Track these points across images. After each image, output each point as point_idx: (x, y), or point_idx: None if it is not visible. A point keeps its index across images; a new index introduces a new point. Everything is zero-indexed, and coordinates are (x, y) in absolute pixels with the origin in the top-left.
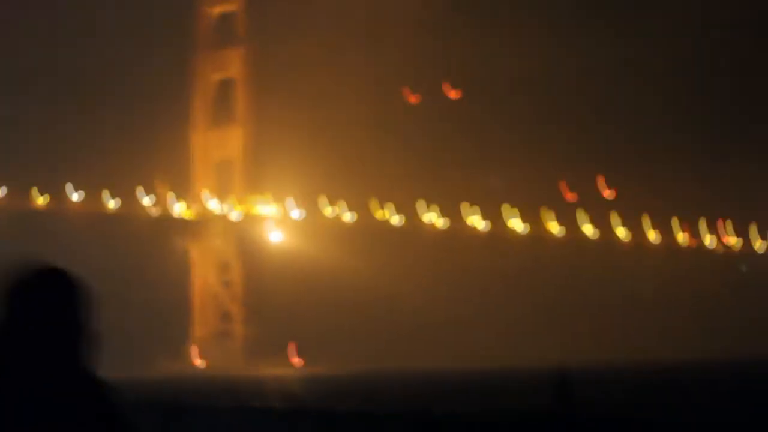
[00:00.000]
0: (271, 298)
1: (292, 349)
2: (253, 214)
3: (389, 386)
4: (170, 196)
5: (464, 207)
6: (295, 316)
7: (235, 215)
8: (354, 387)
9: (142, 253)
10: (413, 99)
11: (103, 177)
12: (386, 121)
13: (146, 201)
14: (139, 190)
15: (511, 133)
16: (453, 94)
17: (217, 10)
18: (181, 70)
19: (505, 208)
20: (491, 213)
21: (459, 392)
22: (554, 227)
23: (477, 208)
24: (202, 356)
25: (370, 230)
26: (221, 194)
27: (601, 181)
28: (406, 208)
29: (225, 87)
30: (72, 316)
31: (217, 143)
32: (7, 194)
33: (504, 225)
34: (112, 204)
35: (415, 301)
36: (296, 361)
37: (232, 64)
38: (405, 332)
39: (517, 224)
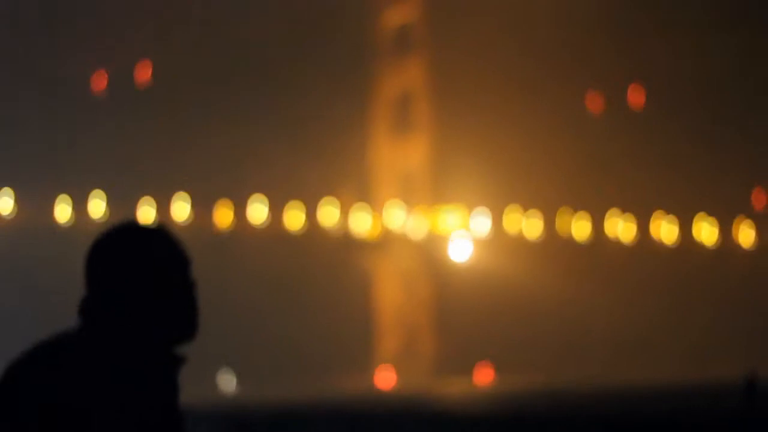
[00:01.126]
0: (458, 314)
1: (480, 365)
2: (438, 228)
3: (580, 400)
4: (352, 210)
5: (654, 217)
6: (484, 333)
7: (419, 229)
8: (546, 402)
9: (325, 267)
10: (597, 105)
11: (284, 193)
12: (572, 129)
13: (328, 216)
14: (321, 206)
15: (698, 137)
16: (637, 99)
17: (397, 20)
18: (362, 82)
19: (697, 218)
20: (681, 223)
21: (649, 402)
22: (747, 238)
23: (666, 218)
24: (388, 374)
25: (560, 243)
26: (405, 208)
27: None
28: (595, 219)
29: (406, 98)
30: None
31: (399, 156)
32: (192, 213)
33: (693, 236)
34: (293, 220)
35: (607, 316)
36: (485, 377)
37: (413, 74)
38: (596, 347)
39: (707, 235)
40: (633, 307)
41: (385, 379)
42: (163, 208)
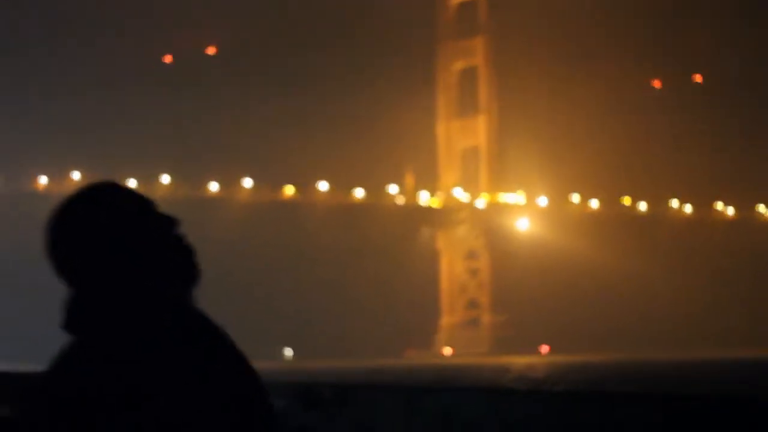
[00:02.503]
0: (518, 286)
1: (539, 336)
2: (499, 203)
3: (636, 372)
4: (417, 186)
5: (709, 193)
6: (542, 304)
7: (481, 204)
8: (601, 373)
9: (391, 243)
10: (657, 85)
11: (351, 169)
12: (631, 109)
13: (394, 191)
14: (387, 182)
15: (752, 118)
16: (697, 79)
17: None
18: (425, 61)
19: (753, 198)
20: (735, 198)
21: (707, 377)
22: None
23: (721, 195)
24: (449, 344)
25: (617, 218)
26: (467, 183)
27: None
28: (651, 195)
29: (468, 76)
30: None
31: (462, 132)
32: (255, 187)
33: (751, 210)
34: (360, 195)
35: (664, 290)
36: (544, 348)
37: (475, 53)
38: (652, 321)
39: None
40: (692, 284)
41: (445, 348)
42: (231, 186)
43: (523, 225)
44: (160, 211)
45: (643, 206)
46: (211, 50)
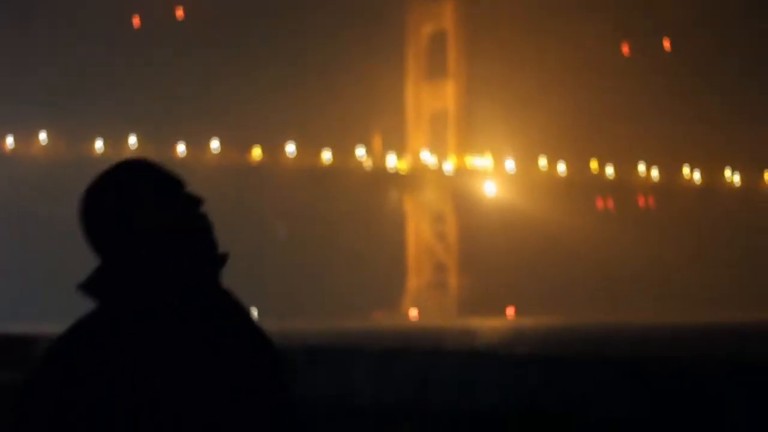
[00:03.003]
0: (485, 250)
1: (505, 300)
2: (467, 167)
3: (604, 337)
4: (385, 149)
5: (677, 159)
6: (509, 268)
7: (448, 168)
8: (568, 337)
9: (357, 206)
10: (625, 50)
11: (318, 132)
12: (600, 74)
13: (361, 155)
14: (354, 144)
15: (727, 86)
16: (667, 47)
17: None
18: (395, 24)
19: (722, 165)
20: (703, 164)
21: (677, 343)
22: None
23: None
24: (415, 307)
25: (584, 184)
26: (435, 147)
27: None
28: (620, 161)
29: (438, 39)
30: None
31: (430, 96)
32: (223, 149)
33: (717, 175)
34: (327, 158)
35: (629, 255)
36: (510, 312)
37: (444, 16)
38: (618, 285)
39: (731, 176)
40: (657, 249)
41: (412, 311)
42: (198, 145)
43: (490, 189)
44: (186, 192)
45: (610, 171)
46: (179, 13)
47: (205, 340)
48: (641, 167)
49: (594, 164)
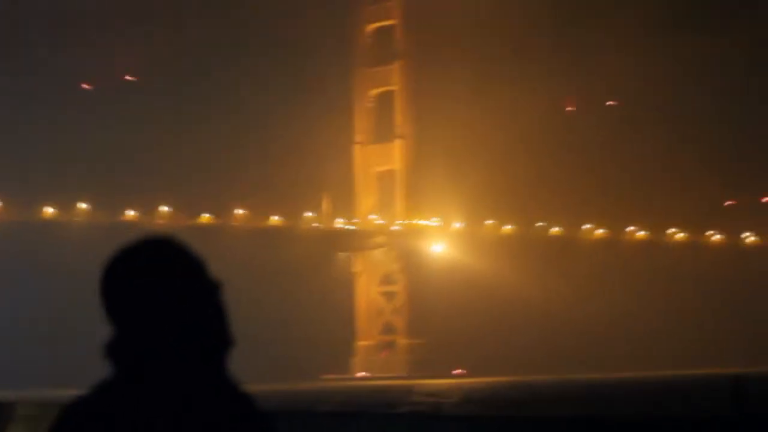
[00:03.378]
0: (433, 309)
1: (454, 360)
2: (414, 226)
3: (554, 393)
4: (334, 210)
5: (622, 216)
6: (458, 327)
7: (396, 227)
8: (517, 394)
9: (306, 265)
10: (570, 109)
11: (269, 195)
12: (544, 131)
13: (311, 216)
14: (303, 206)
15: (667, 139)
16: (611, 102)
17: (375, 25)
18: (343, 87)
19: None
20: (649, 221)
21: (630, 398)
22: (712, 234)
23: (638, 220)
24: (365, 367)
25: (530, 240)
26: (383, 207)
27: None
28: (564, 218)
29: (385, 100)
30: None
31: (378, 156)
32: (174, 212)
33: (661, 232)
34: (276, 219)
35: (577, 310)
36: (458, 371)
37: (391, 79)
38: (570, 341)
39: (676, 232)
40: (606, 303)
41: (361, 370)
42: (148, 212)
43: (438, 248)
44: (207, 274)
45: (556, 229)
46: (129, 77)
47: (205, 426)
48: (586, 225)
49: (540, 223)
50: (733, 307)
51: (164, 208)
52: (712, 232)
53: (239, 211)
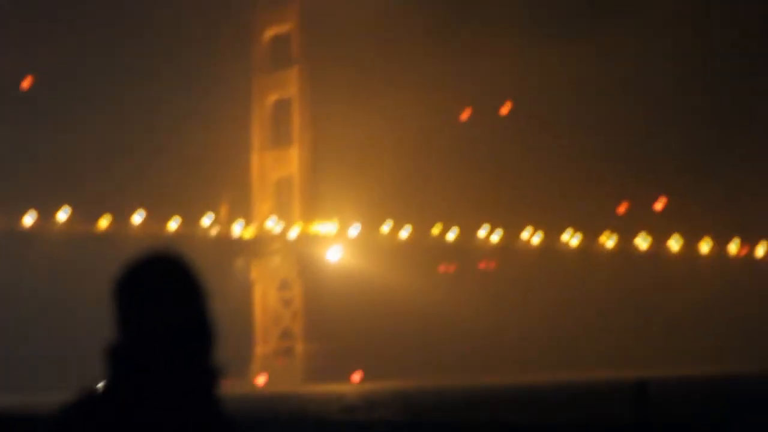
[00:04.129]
0: (330, 315)
1: (351, 365)
2: (311, 233)
3: (454, 400)
4: (231, 217)
5: (518, 222)
6: (355, 333)
7: (294, 234)
8: (416, 401)
9: (203, 273)
10: (465, 115)
11: (166, 201)
12: (440, 138)
13: (206, 222)
14: (200, 212)
15: (562, 146)
16: (504, 110)
17: (272, 31)
18: (240, 94)
19: (563, 225)
20: (544, 226)
21: (532, 404)
22: (607, 240)
23: (532, 225)
24: (263, 375)
25: (427, 247)
26: (281, 213)
27: (658, 196)
28: (461, 224)
29: (282, 107)
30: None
31: (275, 163)
32: (70, 216)
33: (557, 239)
34: (173, 226)
35: (473, 316)
36: (356, 377)
37: (289, 84)
38: (468, 347)
39: (570, 238)
40: (500, 306)
41: (259, 378)
42: (47, 218)
43: (335, 254)
44: (204, 297)
45: (452, 234)
46: (26, 83)
47: None
48: (482, 231)
49: (436, 228)
50: (633, 312)
51: (63, 215)
52: (605, 237)
53: (138, 218)
